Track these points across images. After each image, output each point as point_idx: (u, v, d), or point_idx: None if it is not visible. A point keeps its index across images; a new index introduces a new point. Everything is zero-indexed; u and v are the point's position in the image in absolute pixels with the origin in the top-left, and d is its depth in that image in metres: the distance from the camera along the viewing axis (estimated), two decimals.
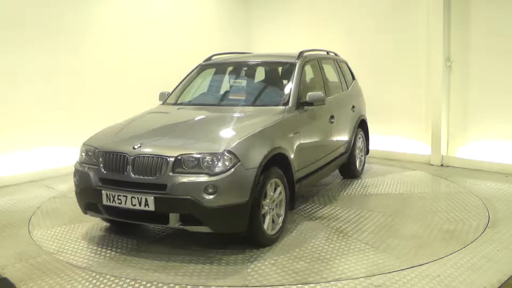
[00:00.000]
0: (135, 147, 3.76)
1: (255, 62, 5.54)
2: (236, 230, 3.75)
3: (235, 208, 3.56)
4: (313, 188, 5.70)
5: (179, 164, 3.57)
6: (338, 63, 6.17)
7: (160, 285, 3.30)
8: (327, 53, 6.16)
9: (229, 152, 3.57)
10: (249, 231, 3.74)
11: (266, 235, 3.86)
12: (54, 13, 6.70)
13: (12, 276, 3.48)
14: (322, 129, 5.14)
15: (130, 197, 3.62)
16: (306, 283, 3.29)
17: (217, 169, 3.52)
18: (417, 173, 6.60)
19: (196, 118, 4.55)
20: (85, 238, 4.25)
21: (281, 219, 4.08)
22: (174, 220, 3.60)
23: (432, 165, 7.03)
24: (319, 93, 4.64)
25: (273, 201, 3.98)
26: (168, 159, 3.59)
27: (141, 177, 3.64)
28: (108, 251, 3.93)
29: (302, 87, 4.84)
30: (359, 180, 6.18)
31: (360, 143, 6.34)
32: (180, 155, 3.59)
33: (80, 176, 3.99)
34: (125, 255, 3.84)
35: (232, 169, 3.54)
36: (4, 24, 6.22)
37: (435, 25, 6.84)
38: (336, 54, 6.40)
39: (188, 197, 3.48)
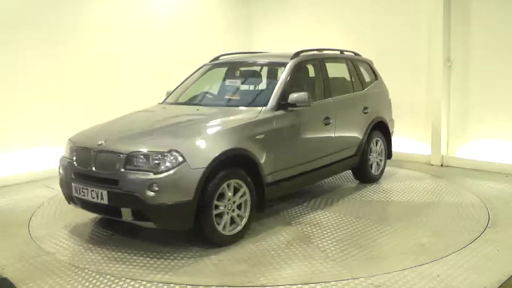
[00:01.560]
0: (99, 143, 3.98)
1: (250, 63, 5.56)
2: (181, 227, 3.88)
3: (179, 206, 3.64)
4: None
5: (130, 161, 3.74)
6: (353, 63, 6.00)
7: (160, 285, 3.30)
8: (341, 52, 6.01)
9: (175, 151, 3.67)
10: (200, 230, 3.83)
11: (221, 235, 3.91)
12: (54, 13, 6.69)
13: (12, 276, 3.48)
14: (310, 131, 4.95)
15: (90, 190, 3.87)
16: (306, 283, 3.29)
17: (162, 168, 3.63)
18: (417, 174, 6.59)
19: (167, 117, 4.64)
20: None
21: (244, 220, 4.09)
22: (126, 215, 3.76)
23: (432, 165, 7.03)
24: (302, 94, 4.51)
25: (234, 202, 3.99)
26: (121, 156, 3.77)
27: (100, 171, 3.87)
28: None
29: (294, 88, 4.84)
30: (373, 185, 5.90)
31: (377, 146, 6.08)
32: (131, 152, 3.75)
33: (62, 169, 4.32)
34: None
35: (176, 168, 3.62)
36: (4, 24, 6.22)
37: (435, 25, 6.83)
38: (356, 54, 6.26)
39: (134, 193, 3.63)
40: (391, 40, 7.45)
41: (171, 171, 3.61)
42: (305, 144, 4.89)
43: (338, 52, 6.01)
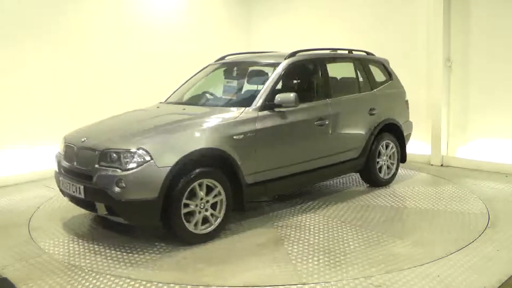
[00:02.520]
0: (82, 140, 4.19)
1: (247, 63, 5.52)
2: (148, 224, 4.12)
3: (144, 203, 3.74)
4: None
5: (103, 158, 3.89)
6: (362, 63, 5.84)
7: (160, 284, 3.30)
8: (350, 52, 5.87)
9: (143, 149, 3.77)
10: (168, 227, 3.93)
11: (192, 233, 3.97)
12: (54, 13, 6.70)
13: (12, 276, 3.48)
14: (300, 132, 4.85)
15: (71, 185, 4.12)
16: (306, 283, 3.29)
17: (129, 165, 3.75)
18: (417, 174, 6.59)
19: (151, 117, 4.68)
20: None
21: (218, 220, 4.12)
22: (101, 209, 3.95)
23: (432, 165, 7.03)
24: (288, 95, 4.49)
25: (207, 202, 4.03)
26: (96, 152, 3.95)
27: (80, 167, 4.09)
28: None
29: (286, 88, 4.87)
30: (380, 189, 5.69)
31: (388, 149, 5.86)
32: (104, 149, 3.92)
33: (56, 164, 4.55)
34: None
35: (142, 166, 3.73)
36: (4, 24, 6.22)
37: (435, 25, 6.84)
38: (369, 53, 6.14)
39: (104, 189, 3.78)
40: (391, 40, 7.45)
41: (138, 169, 3.72)
42: (294, 146, 4.79)
43: (346, 52, 5.86)
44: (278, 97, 4.52)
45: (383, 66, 6.17)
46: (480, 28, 6.58)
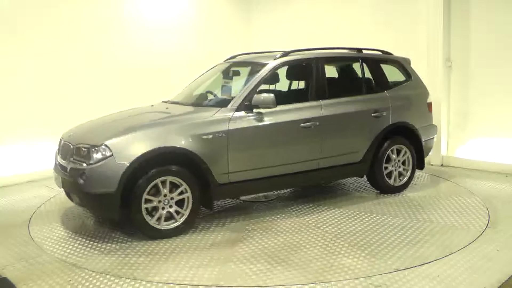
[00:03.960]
0: (69, 135, 4.55)
1: (245, 63, 5.46)
2: (108, 216, 4.38)
3: (103, 196, 3.96)
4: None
5: (76, 152, 4.20)
6: (371, 62, 5.52)
7: (160, 285, 3.31)
8: (358, 51, 5.60)
9: (105, 145, 3.99)
10: (132, 221, 4.11)
11: (153, 228, 4.11)
12: (55, 13, 6.70)
13: (12, 276, 3.48)
14: (282, 133, 4.71)
15: (56, 176, 4.47)
16: (306, 283, 3.29)
17: (93, 159, 4.00)
18: (417, 174, 6.57)
19: (133, 115, 4.82)
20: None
21: (183, 217, 4.22)
22: (75, 199, 4.32)
23: (432, 165, 7.03)
24: (266, 96, 4.44)
25: (172, 199, 4.15)
26: (71, 146, 4.28)
27: (62, 160, 4.44)
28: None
29: (274, 89, 4.88)
30: (385, 197, 5.36)
31: (400, 155, 5.50)
32: (76, 144, 4.24)
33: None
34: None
35: (103, 161, 3.95)
36: (4, 23, 6.22)
37: (435, 25, 6.83)
38: (385, 52, 5.82)
39: (73, 181, 4.09)
40: (391, 40, 7.44)
41: (99, 163, 3.96)
42: (274, 147, 4.67)
43: (355, 52, 5.61)
44: (256, 98, 4.49)
45: (401, 65, 5.82)
46: (480, 28, 6.58)
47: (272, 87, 5.46)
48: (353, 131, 5.22)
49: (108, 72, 7.33)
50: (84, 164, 4.03)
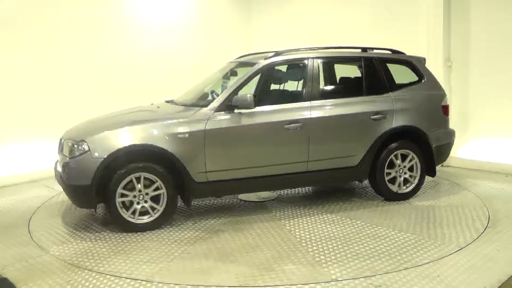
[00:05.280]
0: (66, 132, 4.82)
1: (244, 63, 5.39)
2: (86, 207, 4.61)
3: (79, 188, 4.24)
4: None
5: (64, 148, 4.49)
6: (374, 63, 5.22)
7: (160, 284, 3.31)
8: (363, 50, 5.35)
9: (84, 141, 4.26)
10: (108, 213, 4.41)
11: (128, 222, 4.32)
12: (55, 12, 6.71)
13: (12, 276, 3.48)
14: (264, 135, 4.64)
15: (55, 173, 4.73)
16: (306, 283, 3.29)
17: (74, 154, 4.28)
18: None
19: (124, 113, 5.02)
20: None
21: (158, 212, 4.38)
22: (64, 191, 4.55)
23: None
24: (244, 97, 4.44)
25: (147, 194, 4.33)
26: (63, 141, 4.58)
27: (58, 155, 4.72)
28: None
29: (262, 89, 4.95)
30: (384, 204, 5.02)
31: (406, 160, 5.17)
32: (65, 139, 4.55)
33: None
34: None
35: (82, 156, 4.22)
36: (4, 23, 6.23)
37: (435, 25, 6.83)
38: (395, 52, 5.51)
39: (61, 173, 4.43)
40: (391, 40, 7.44)
41: (78, 158, 4.24)
42: (255, 148, 4.63)
43: (358, 51, 5.36)
44: (235, 99, 4.50)
45: (412, 65, 5.46)
46: (480, 28, 6.58)
47: (276, 86, 5.51)
48: (348, 133, 5.01)
49: (109, 72, 7.34)
50: (67, 158, 4.33)
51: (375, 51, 5.46)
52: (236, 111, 4.53)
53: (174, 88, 6.06)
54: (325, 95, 5.01)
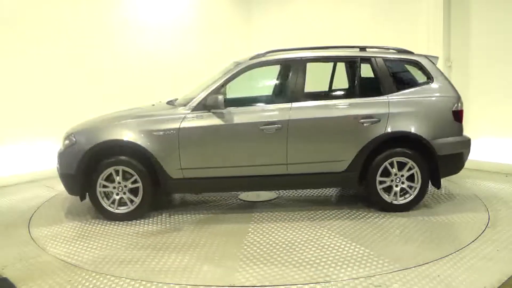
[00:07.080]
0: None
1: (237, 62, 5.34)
2: (74, 194, 4.82)
3: (67, 177, 4.71)
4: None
5: (63, 140, 4.84)
6: (373, 63, 4.88)
7: (160, 285, 3.31)
8: (361, 49, 5.04)
9: (72, 134, 4.73)
10: (90, 200, 4.73)
11: (108, 211, 4.69)
12: (55, 12, 6.71)
13: (12, 276, 3.48)
14: (236, 135, 4.63)
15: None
16: (306, 283, 3.29)
17: (65, 146, 4.74)
18: None
19: (120, 111, 5.25)
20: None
21: (135, 204, 4.68)
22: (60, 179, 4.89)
23: None
24: (215, 98, 4.55)
25: (125, 186, 4.66)
26: (65, 135, 4.89)
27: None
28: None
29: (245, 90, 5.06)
30: (375, 217, 4.60)
31: (404, 169, 4.73)
32: (66, 133, 4.87)
33: None
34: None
35: (70, 147, 4.69)
36: (4, 23, 6.23)
37: (435, 25, 6.84)
38: (401, 51, 5.07)
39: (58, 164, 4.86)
40: (391, 40, 7.44)
41: (68, 149, 4.70)
42: (229, 148, 4.64)
43: (358, 50, 5.07)
44: (208, 99, 4.63)
45: (419, 65, 4.97)
46: (480, 28, 6.58)
47: (260, 87, 5.69)
48: (332, 137, 4.72)
49: (109, 72, 7.34)
50: (62, 149, 4.80)
51: (369, 50, 5.08)
52: (212, 111, 4.65)
53: (174, 88, 6.07)
54: (309, 97, 4.90)
